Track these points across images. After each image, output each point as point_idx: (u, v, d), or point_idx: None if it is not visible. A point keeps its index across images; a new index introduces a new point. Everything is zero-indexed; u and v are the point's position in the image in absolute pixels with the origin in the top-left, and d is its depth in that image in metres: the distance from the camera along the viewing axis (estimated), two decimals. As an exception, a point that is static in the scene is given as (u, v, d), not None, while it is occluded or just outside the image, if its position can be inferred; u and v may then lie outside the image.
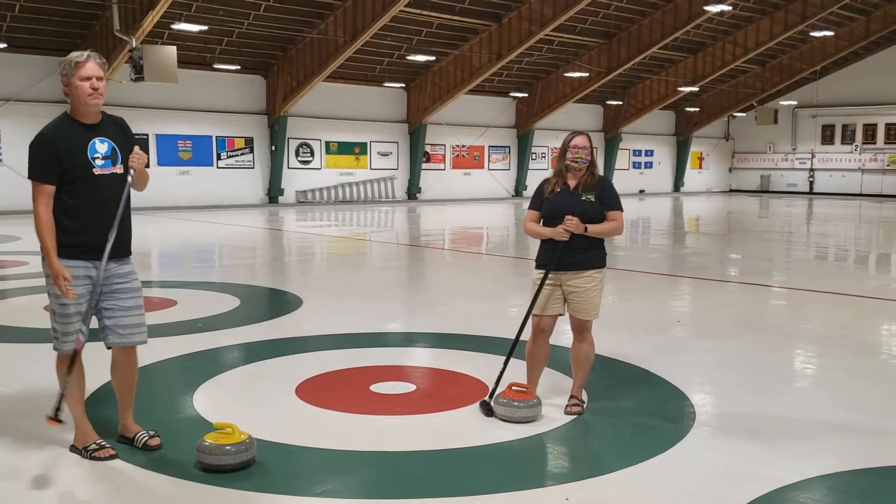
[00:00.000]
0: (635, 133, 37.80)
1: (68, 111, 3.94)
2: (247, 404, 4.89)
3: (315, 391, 5.13)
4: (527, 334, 4.84)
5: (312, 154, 27.93)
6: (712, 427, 4.57)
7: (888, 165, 37.45)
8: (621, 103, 35.62)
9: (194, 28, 20.44)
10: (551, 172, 4.86)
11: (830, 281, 10.72)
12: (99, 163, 3.89)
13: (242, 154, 26.18)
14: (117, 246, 3.97)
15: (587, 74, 29.66)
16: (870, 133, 38.03)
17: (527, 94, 32.29)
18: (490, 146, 33.09)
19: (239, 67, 24.74)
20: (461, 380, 5.46)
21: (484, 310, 8.19)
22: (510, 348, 4.84)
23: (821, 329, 7.56)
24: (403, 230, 19.70)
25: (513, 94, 32.30)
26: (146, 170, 4.10)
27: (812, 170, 40.04)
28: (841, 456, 4.11)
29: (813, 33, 29.81)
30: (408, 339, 6.92)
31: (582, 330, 4.75)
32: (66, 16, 20.45)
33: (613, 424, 4.56)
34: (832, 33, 30.68)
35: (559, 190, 4.71)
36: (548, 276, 4.66)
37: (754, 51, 30.90)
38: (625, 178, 37.43)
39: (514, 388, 4.60)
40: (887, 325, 7.85)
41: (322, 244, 15.59)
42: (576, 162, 4.66)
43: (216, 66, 24.36)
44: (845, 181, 38.65)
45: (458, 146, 32.07)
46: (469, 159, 32.56)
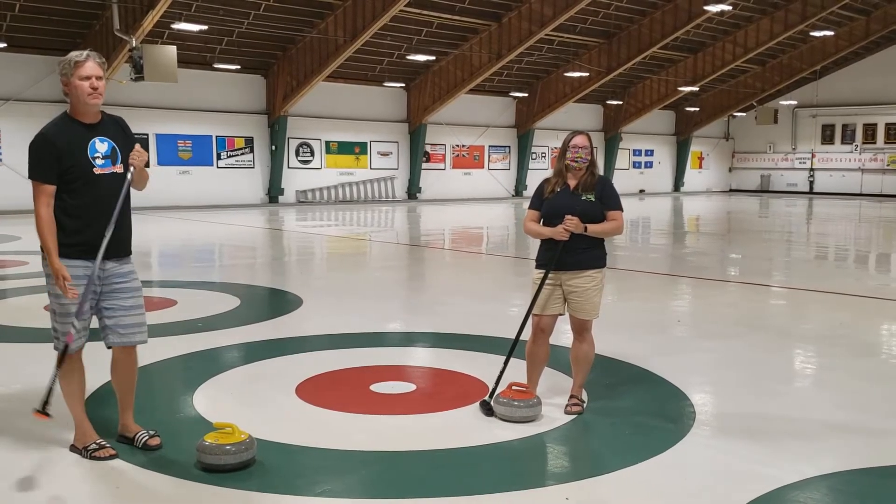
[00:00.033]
0: (635, 133, 37.81)
1: (68, 111, 3.94)
2: (247, 404, 4.89)
3: (315, 391, 5.13)
4: (527, 334, 4.84)
5: (312, 154, 27.93)
6: (712, 427, 4.57)
7: (888, 165, 37.46)
8: (621, 103, 35.62)
9: (194, 28, 20.44)
10: (551, 172, 4.87)
11: (830, 281, 10.72)
12: (99, 162, 3.89)
13: (242, 154, 26.18)
14: (117, 245, 3.97)
15: (587, 74, 29.67)
16: (870, 133, 38.05)
17: (527, 94, 32.29)
18: (490, 146, 33.09)
19: (239, 67, 24.75)
20: (461, 380, 5.46)
21: (484, 310, 8.19)
22: (510, 348, 4.84)
23: (821, 329, 7.56)
24: (403, 230, 19.70)
25: (513, 93, 32.30)
26: (146, 169, 4.10)
27: (812, 170, 40.06)
28: (841, 456, 4.11)
29: (813, 33, 29.82)
30: (408, 339, 6.92)
31: (582, 330, 4.75)
32: (66, 16, 20.45)
33: (613, 424, 4.56)
34: (832, 33, 30.69)
35: (559, 190, 4.71)
36: (548, 276, 4.67)
37: (754, 51, 30.90)
38: (625, 177, 37.44)
39: (514, 387, 4.60)
40: (887, 325, 7.85)
41: (322, 244, 15.59)
42: (576, 161, 4.66)
43: (216, 66, 24.36)
44: (845, 181, 38.66)
45: (458, 146, 32.07)
46: (469, 159, 32.56)
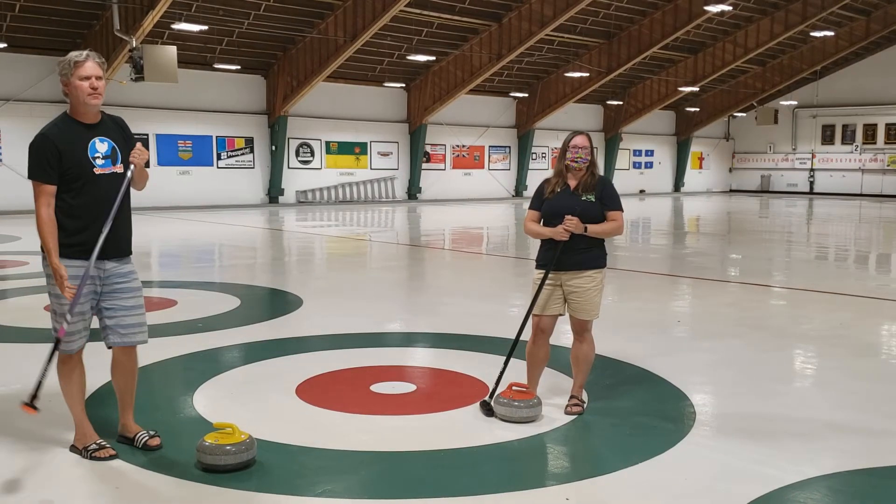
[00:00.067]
0: (635, 133, 37.81)
1: (68, 111, 3.94)
2: (247, 404, 4.89)
3: (315, 391, 5.13)
4: (527, 334, 4.84)
5: (312, 154, 27.93)
6: (712, 427, 4.57)
7: (888, 165, 37.46)
8: (621, 103, 35.62)
9: (194, 28, 20.43)
10: (551, 172, 4.87)
11: (830, 281, 10.72)
12: (99, 162, 3.89)
13: (242, 154, 26.18)
14: (117, 245, 3.97)
15: (587, 74, 29.67)
16: (870, 133, 38.05)
17: (527, 94, 32.30)
18: (490, 146, 33.09)
19: (239, 67, 24.74)
20: (461, 380, 5.46)
21: (484, 310, 8.19)
22: (510, 348, 4.84)
23: (821, 329, 7.55)
24: (403, 230, 19.69)
25: (513, 94, 32.30)
26: (146, 169, 4.10)
27: (812, 170, 40.05)
28: (841, 456, 4.11)
29: (813, 33, 29.81)
30: (408, 339, 6.92)
31: (582, 330, 4.75)
32: (66, 16, 20.46)
33: (613, 424, 4.56)
34: (832, 33, 30.69)
35: (559, 190, 4.71)
36: (548, 276, 4.67)
37: (754, 51, 30.91)
38: (625, 178, 37.45)
39: (514, 388, 4.60)
40: (887, 325, 7.85)
41: (322, 244, 15.59)
42: (576, 162, 4.66)
43: (216, 66, 24.36)
44: (845, 181, 38.67)
45: (458, 146, 32.07)
46: (469, 159, 32.55)
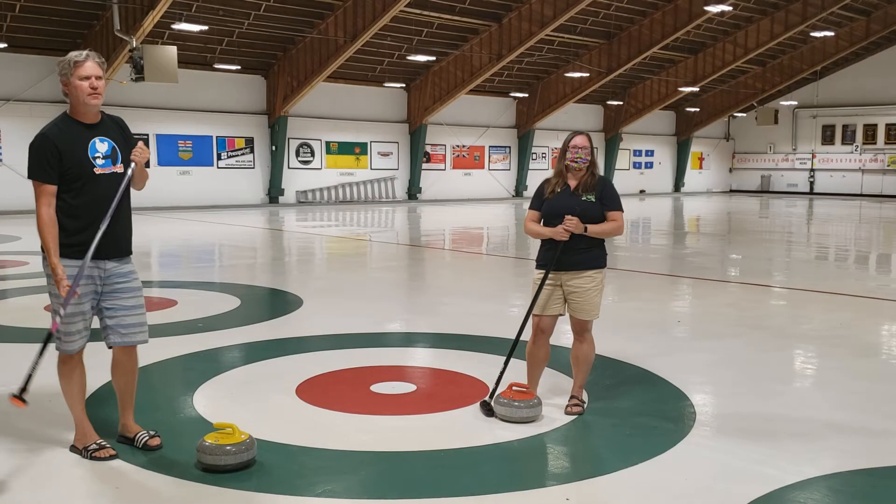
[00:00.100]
0: (636, 133, 37.81)
1: (68, 111, 3.94)
2: (247, 404, 4.89)
3: (315, 391, 5.13)
4: (527, 334, 4.84)
5: (313, 154, 27.93)
6: (712, 427, 4.57)
7: (888, 166, 37.46)
8: (622, 103, 35.62)
9: (194, 28, 20.44)
10: (552, 173, 4.87)
11: (830, 281, 10.72)
12: (99, 162, 3.89)
13: (243, 154, 26.19)
14: (118, 245, 3.97)
15: (587, 75, 29.67)
16: (870, 133, 38.05)
17: (527, 95, 32.29)
18: (490, 146, 33.08)
19: (239, 67, 24.74)
20: (461, 380, 5.46)
21: (484, 310, 8.19)
22: (510, 348, 4.84)
23: (821, 329, 7.55)
24: (404, 230, 19.69)
25: (513, 94, 32.30)
26: (146, 169, 4.10)
27: (812, 170, 40.05)
28: (841, 456, 4.11)
29: (813, 34, 29.81)
30: (408, 339, 6.92)
31: (582, 330, 4.75)
32: (66, 16, 20.46)
33: (613, 424, 4.56)
34: (832, 34, 30.69)
35: (559, 190, 4.72)
36: (548, 277, 4.67)
37: (754, 51, 30.91)
38: (625, 178, 37.45)
39: (514, 388, 4.60)
40: (887, 325, 7.85)
41: (322, 244, 15.59)
42: (576, 162, 4.66)
43: (216, 66, 24.36)
44: (846, 181, 38.67)
45: (458, 146, 32.06)
46: (469, 159, 32.55)
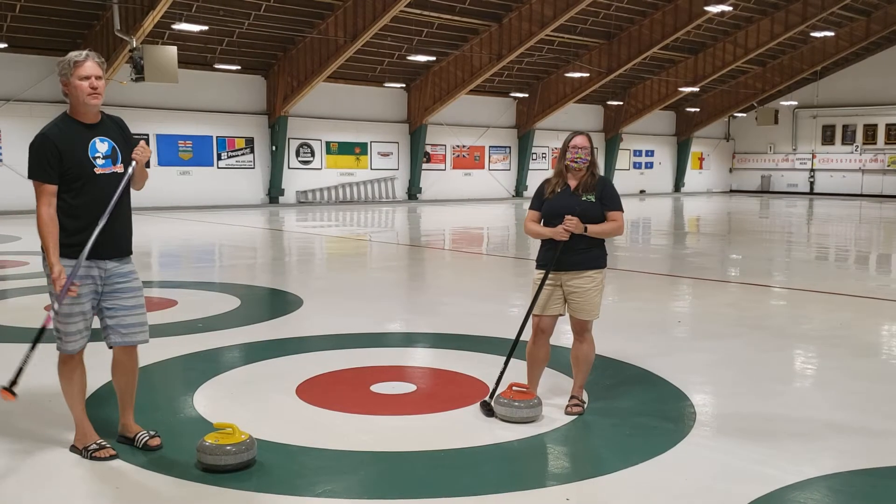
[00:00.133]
0: (636, 133, 37.81)
1: (68, 111, 3.94)
2: (247, 404, 4.89)
3: (315, 391, 5.13)
4: (527, 334, 4.84)
5: (313, 154, 27.93)
6: (712, 427, 4.57)
7: (888, 166, 37.46)
8: (622, 103, 35.62)
9: (195, 28, 20.44)
10: (552, 173, 4.87)
11: (830, 281, 10.72)
12: (99, 162, 3.89)
13: (243, 154, 26.18)
14: (118, 244, 3.97)
15: (588, 75, 29.67)
16: (870, 133, 38.05)
17: (527, 95, 32.29)
18: (490, 146, 33.08)
19: (239, 67, 24.74)
20: (461, 380, 5.46)
21: (484, 310, 8.19)
22: (510, 348, 4.84)
23: (821, 329, 7.55)
24: (404, 230, 19.70)
25: (513, 94, 32.29)
26: (146, 169, 4.10)
27: (812, 170, 40.05)
28: (841, 456, 4.11)
29: (813, 34, 29.81)
30: (408, 339, 6.92)
31: (582, 330, 4.75)
32: (66, 16, 20.46)
33: (613, 424, 4.56)
34: (832, 34, 30.68)
35: (560, 190, 4.72)
36: (548, 277, 4.67)
37: (755, 51, 30.91)
38: (625, 178, 37.45)
39: (514, 388, 4.60)
40: (887, 325, 7.85)
41: (322, 244, 15.59)
42: (576, 162, 4.66)
43: (216, 66, 24.36)
44: (846, 181, 38.67)
45: (458, 146, 32.06)
46: (469, 159, 32.55)
